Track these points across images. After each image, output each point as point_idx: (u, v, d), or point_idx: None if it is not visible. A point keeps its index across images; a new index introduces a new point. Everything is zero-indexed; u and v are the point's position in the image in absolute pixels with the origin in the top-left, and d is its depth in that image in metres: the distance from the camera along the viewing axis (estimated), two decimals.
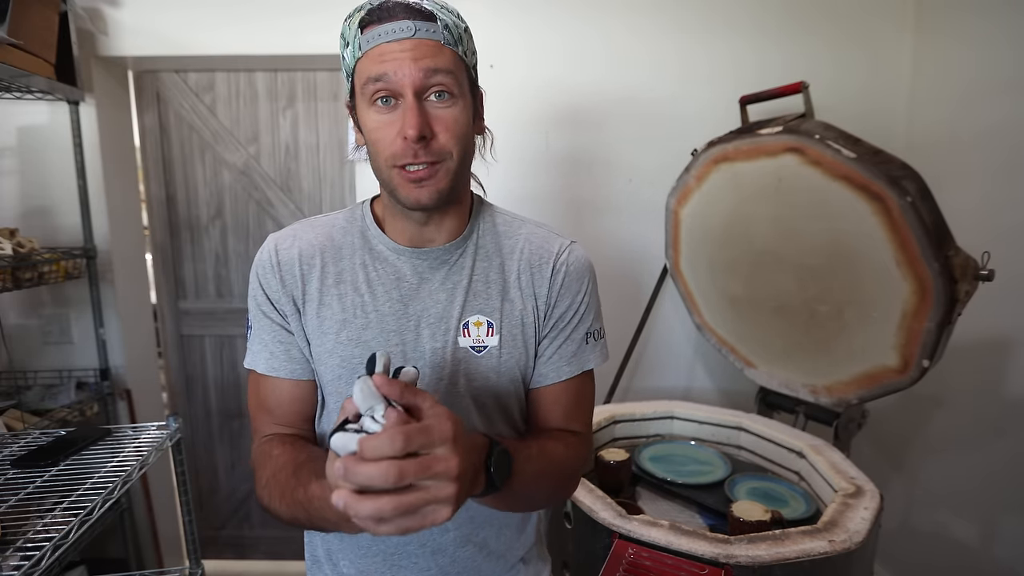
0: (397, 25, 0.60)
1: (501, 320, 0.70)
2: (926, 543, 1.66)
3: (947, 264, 1.11)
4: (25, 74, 1.38)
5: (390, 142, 0.62)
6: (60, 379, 1.72)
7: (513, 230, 0.75)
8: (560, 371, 0.72)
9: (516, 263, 0.72)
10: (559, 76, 1.74)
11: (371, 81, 0.61)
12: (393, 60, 0.59)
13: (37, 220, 1.68)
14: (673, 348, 1.89)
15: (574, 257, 0.73)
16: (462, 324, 0.69)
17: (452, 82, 0.62)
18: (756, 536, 0.97)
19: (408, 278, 0.70)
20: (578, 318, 0.73)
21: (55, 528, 0.86)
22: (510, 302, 0.71)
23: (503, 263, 0.72)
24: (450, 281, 0.70)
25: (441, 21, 0.61)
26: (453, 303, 0.69)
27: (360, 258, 0.71)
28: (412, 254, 0.70)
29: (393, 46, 0.60)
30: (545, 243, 0.74)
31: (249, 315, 0.73)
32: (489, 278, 0.71)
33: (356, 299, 0.69)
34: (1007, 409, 1.43)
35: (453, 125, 0.63)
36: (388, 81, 0.60)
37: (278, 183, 1.95)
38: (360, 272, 0.70)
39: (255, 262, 0.71)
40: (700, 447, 1.47)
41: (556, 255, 0.73)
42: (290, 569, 2.13)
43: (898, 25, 1.71)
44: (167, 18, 1.66)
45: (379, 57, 0.60)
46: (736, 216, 1.49)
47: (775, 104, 1.48)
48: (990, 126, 1.46)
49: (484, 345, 0.69)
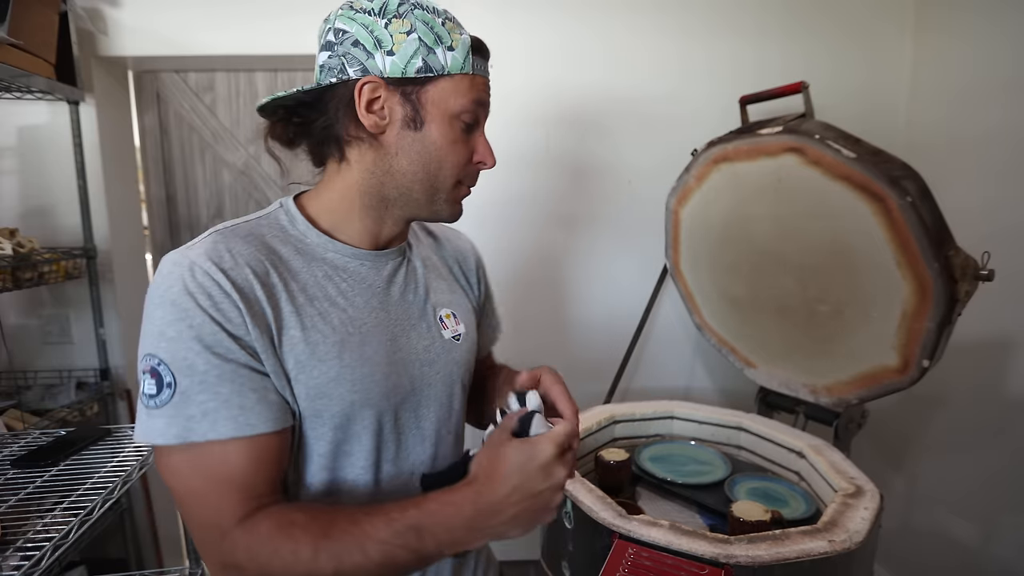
0: (487, 63, 0.66)
1: (457, 308, 0.76)
2: (926, 543, 1.66)
3: (947, 264, 1.11)
4: (25, 74, 1.38)
5: (463, 162, 0.65)
6: (60, 379, 1.72)
7: (422, 228, 0.82)
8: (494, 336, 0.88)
9: (445, 258, 0.81)
10: (559, 76, 1.74)
11: (476, 105, 0.64)
12: (487, 92, 0.66)
13: (37, 220, 1.68)
14: (673, 348, 1.90)
15: (475, 245, 0.87)
16: (437, 318, 0.72)
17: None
18: (756, 536, 0.97)
19: (376, 283, 0.67)
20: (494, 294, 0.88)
21: (55, 528, 0.86)
22: (456, 292, 0.78)
23: (439, 259, 0.79)
24: (412, 280, 0.72)
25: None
26: (420, 299, 0.72)
27: (319, 269, 0.63)
28: (375, 258, 0.68)
29: (488, 82, 0.66)
30: (457, 239, 0.85)
31: (174, 368, 0.52)
32: (438, 273, 0.77)
33: (341, 315, 0.62)
34: (1007, 409, 1.43)
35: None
36: (484, 110, 0.66)
37: (278, 183, 1.95)
38: (328, 285, 0.63)
39: (184, 290, 0.53)
40: (700, 447, 1.47)
41: (471, 248, 0.85)
42: None
43: (898, 25, 1.71)
44: (167, 18, 1.66)
45: (484, 86, 0.65)
46: (736, 216, 1.49)
47: (775, 104, 1.48)
48: (990, 126, 1.46)
49: (459, 333, 0.74)
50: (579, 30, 1.72)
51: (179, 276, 0.54)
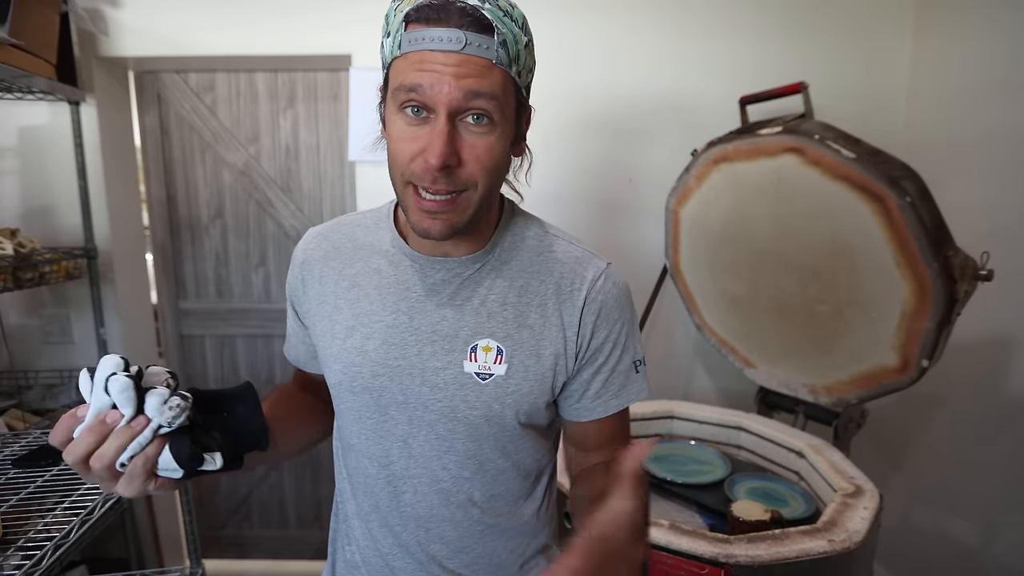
0: (447, 33, 0.51)
1: (512, 347, 0.63)
2: (926, 543, 1.66)
3: (946, 264, 1.11)
4: (26, 75, 1.39)
5: (410, 158, 0.55)
6: (61, 379, 1.72)
7: (544, 247, 0.67)
8: (608, 405, 0.67)
9: (542, 286, 0.65)
10: (559, 76, 1.74)
11: (403, 89, 0.54)
12: (432, 72, 0.52)
13: (38, 220, 1.68)
14: (673, 348, 1.90)
15: (611, 283, 0.66)
16: (470, 347, 0.63)
17: (495, 108, 0.54)
18: (756, 536, 0.97)
19: (415, 288, 0.65)
20: (620, 348, 0.67)
21: (56, 527, 0.87)
22: (528, 328, 0.64)
23: (526, 284, 0.65)
24: (460, 297, 0.64)
25: (499, 36, 0.53)
26: (461, 322, 0.64)
27: (376, 263, 0.68)
28: (426, 263, 0.65)
29: (437, 56, 0.52)
30: (578, 266, 0.66)
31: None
32: (507, 300, 0.64)
33: (366, 306, 0.67)
34: (1007, 409, 1.43)
35: (485, 155, 0.56)
36: (422, 94, 0.53)
37: (278, 183, 1.95)
38: (374, 278, 0.67)
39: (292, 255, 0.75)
40: (700, 447, 1.48)
41: (591, 281, 0.65)
42: (290, 569, 2.13)
43: (898, 25, 1.71)
44: (168, 18, 1.66)
45: (418, 64, 0.52)
46: (736, 216, 1.49)
47: (775, 104, 1.48)
48: (990, 126, 1.47)
49: (490, 373, 0.63)
50: (579, 30, 1.72)
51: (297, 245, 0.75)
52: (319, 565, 2.13)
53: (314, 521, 2.14)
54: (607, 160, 1.79)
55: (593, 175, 1.80)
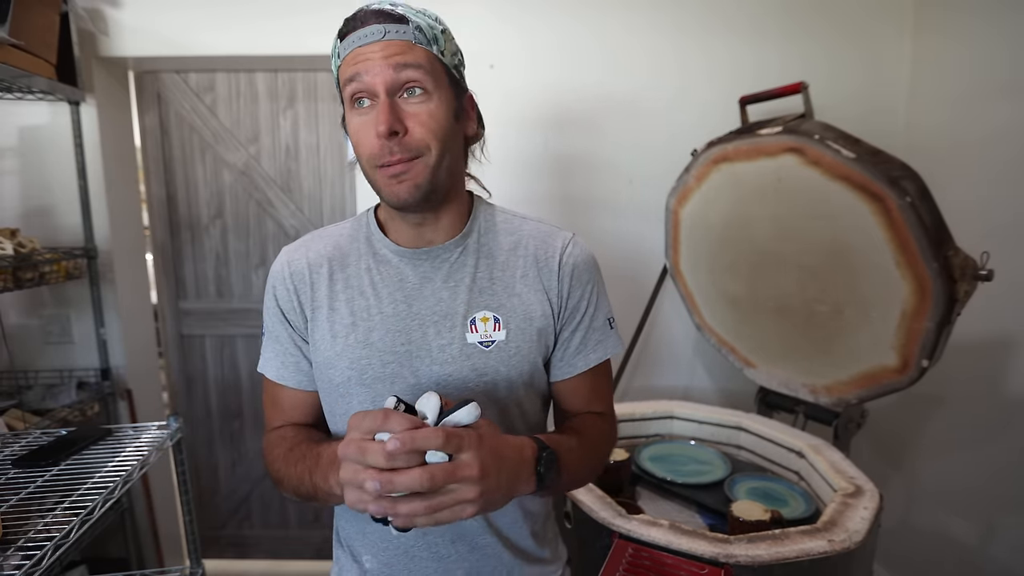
0: (369, 29, 0.63)
1: (507, 314, 0.71)
2: (926, 543, 1.66)
3: (946, 264, 1.11)
4: (26, 75, 1.39)
5: (368, 143, 0.64)
6: (61, 379, 1.72)
7: (515, 227, 0.76)
8: (588, 359, 0.75)
9: (521, 259, 0.74)
10: (558, 77, 1.74)
11: (348, 83, 0.64)
12: (365, 61, 0.62)
13: (38, 220, 1.68)
14: (673, 348, 1.90)
15: (579, 249, 0.76)
16: (469, 320, 0.70)
17: (424, 76, 0.63)
18: (756, 536, 0.97)
19: (410, 279, 0.72)
20: (594, 306, 0.75)
21: (56, 527, 0.86)
22: (516, 296, 0.72)
23: (507, 260, 0.74)
24: (452, 279, 0.72)
25: (412, 23, 0.63)
26: (457, 300, 0.70)
27: (365, 263, 0.73)
28: (413, 255, 0.72)
29: (365, 48, 0.63)
30: (549, 238, 0.75)
31: (264, 320, 0.77)
32: (493, 275, 0.73)
33: (363, 303, 0.71)
34: (1007, 408, 1.43)
35: (428, 120, 0.64)
36: (362, 81, 0.63)
37: (278, 183, 1.95)
38: (365, 276, 0.72)
39: (269, 275, 0.76)
40: (700, 447, 1.48)
41: (561, 249, 0.74)
42: (290, 569, 2.13)
43: (897, 26, 1.71)
44: (168, 18, 1.66)
45: (353, 60, 0.63)
46: (736, 216, 1.49)
47: (775, 104, 1.48)
48: (989, 126, 1.47)
49: (492, 340, 0.70)
50: (578, 30, 1.72)
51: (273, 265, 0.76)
52: (319, 565, 2.14)
53: (314, 521, 2.14)
54: (607, 160, 1.79)
55: (593, 175, 1.80)
